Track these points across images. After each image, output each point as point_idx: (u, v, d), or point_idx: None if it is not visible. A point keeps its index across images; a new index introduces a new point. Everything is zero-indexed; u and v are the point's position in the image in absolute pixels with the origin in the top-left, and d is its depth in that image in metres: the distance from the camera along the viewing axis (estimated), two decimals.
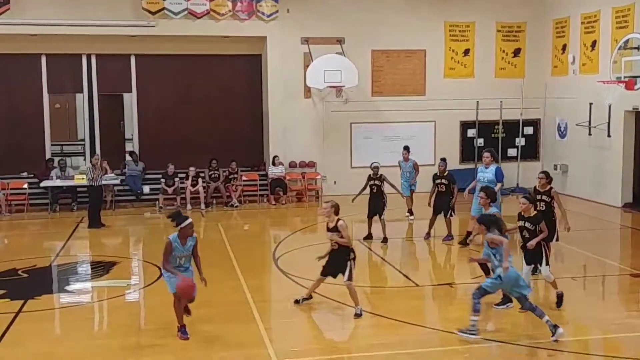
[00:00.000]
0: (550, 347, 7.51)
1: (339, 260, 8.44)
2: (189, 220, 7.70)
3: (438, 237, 12.68)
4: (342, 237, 8.32)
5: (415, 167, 15.08)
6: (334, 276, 8.56)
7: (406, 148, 15.28)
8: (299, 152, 18.14)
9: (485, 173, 11.68)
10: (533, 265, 8.65)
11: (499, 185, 11.39)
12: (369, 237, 12.58)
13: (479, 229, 8.07)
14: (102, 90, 18.35)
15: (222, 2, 17.40)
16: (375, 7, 18.23)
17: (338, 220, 8.36)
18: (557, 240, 10.04)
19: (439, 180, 12.49)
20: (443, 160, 12.83)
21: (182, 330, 7.74)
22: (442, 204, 12.36)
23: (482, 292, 7.76)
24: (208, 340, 7.72)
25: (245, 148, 18.65)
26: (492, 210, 9.21)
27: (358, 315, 8.42)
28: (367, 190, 12.74)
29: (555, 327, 7.60)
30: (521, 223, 8.57)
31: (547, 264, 8.60)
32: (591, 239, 12.60)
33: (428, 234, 12.71)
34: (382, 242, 12.38)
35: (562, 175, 18.24)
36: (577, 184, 17.73)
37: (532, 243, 8.43)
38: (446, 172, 12.50)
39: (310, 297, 8.95)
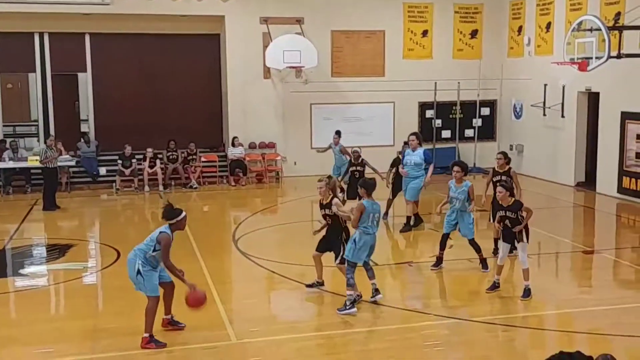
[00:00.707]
0: (506, 323, 7.69)
1: (332, 237, 8.34)
2: (184, 213, 7.18)
3: (395, 217, 12.81)
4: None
5: (343, 151, 14.82)
6: (330, 250, 8.42)
7: (337, 132, 15.10)
8: (258, 133, 18.04)
9: (412, 156, 11.82)
10: (510, 244, 8.54)
11: (431, 166, 11.80)
12: None
13: (362, 191, 8.03)
14: (56, 69, 17.84)
15: None
16: None
17: (332, 197, 8.19)
18: None
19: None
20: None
21: (153, 339, 7.00)
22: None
23: (350, 264, 7.96)
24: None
25: (204, 129, 18.43)
26: (467, 183, 9.39)
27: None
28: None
29: (376, 291, 8.16)
30: (502, 213, 8.39)
31: (526, 240, 8.36)
32: (545, 217, 12.88)
33: (386, 213, 12.80)
34: None
35: (517, 155, 18.57)
36: (532, 164, 18.09)
37: (520, 227, 8.26)
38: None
39: (322, 281, 8.70)
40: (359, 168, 12.61)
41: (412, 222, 12.09)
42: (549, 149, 17.39)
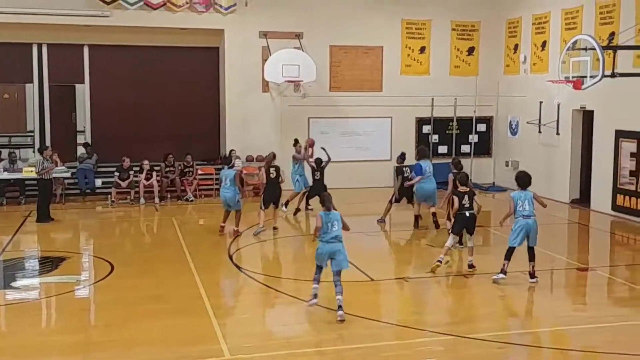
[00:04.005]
0: (501, 340, 7.67)
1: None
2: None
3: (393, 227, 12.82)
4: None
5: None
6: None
7: (296, 140, 15.67)
8: (256, 146, 18.02)
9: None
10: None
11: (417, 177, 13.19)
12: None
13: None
14: (54, 80, 17.88)
15: None
16: (333, 3, 18.22)
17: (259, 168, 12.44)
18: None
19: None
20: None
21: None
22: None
23: None
24: (161, 336, 7.64)
25: (202, 141, 18.44)
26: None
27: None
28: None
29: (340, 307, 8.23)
30: None
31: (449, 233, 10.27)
32: (540, 234, 12.79)
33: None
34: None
35: (513, 171, 18.52)
36: None
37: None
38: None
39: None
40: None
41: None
42: (544, 166, 17.43)
